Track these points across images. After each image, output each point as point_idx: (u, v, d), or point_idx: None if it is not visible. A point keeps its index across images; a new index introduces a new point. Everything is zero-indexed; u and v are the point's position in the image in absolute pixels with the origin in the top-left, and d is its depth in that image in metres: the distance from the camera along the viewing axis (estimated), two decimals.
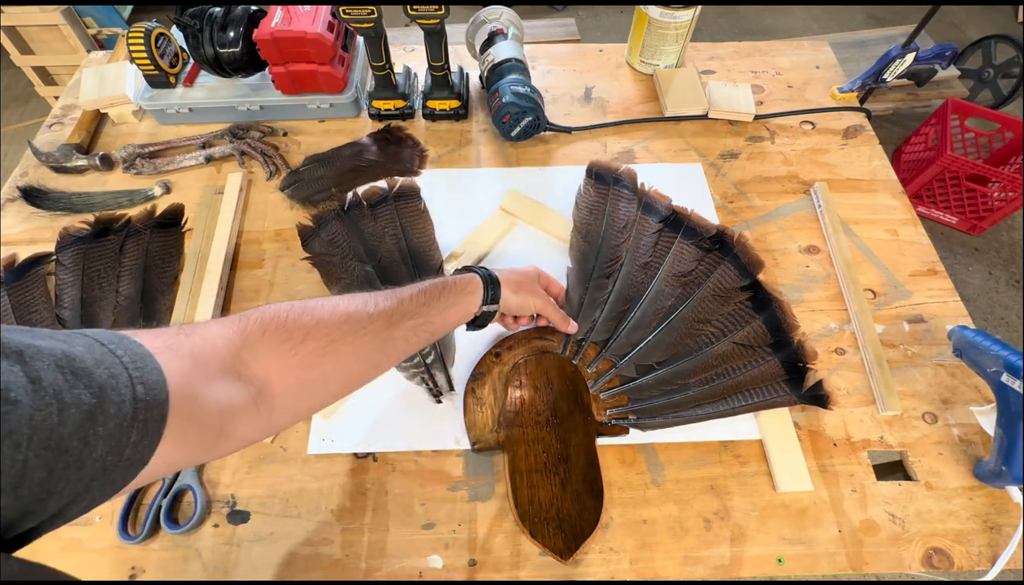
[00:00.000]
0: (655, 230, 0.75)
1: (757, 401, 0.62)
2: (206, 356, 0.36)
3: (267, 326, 0.40)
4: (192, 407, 0.33)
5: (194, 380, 0.34)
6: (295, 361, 0.41)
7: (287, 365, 0.40)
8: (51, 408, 0.24)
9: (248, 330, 0.39)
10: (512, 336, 0.67)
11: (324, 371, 0.42)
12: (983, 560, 0.55)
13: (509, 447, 0.59)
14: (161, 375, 0.31)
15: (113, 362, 0.29)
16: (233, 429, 0.37)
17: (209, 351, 0.36)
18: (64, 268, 0.73)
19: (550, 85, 0.97)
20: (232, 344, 0.38)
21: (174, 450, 0.31)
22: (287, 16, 0.81)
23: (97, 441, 0.26)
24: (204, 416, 0.34)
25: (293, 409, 0.43)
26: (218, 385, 0.36)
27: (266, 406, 0.39)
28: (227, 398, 0.36)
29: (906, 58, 0.89)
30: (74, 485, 0.26)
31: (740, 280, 0.70)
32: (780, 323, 0.67)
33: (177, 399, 0.31)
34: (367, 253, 0.73)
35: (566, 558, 0.54)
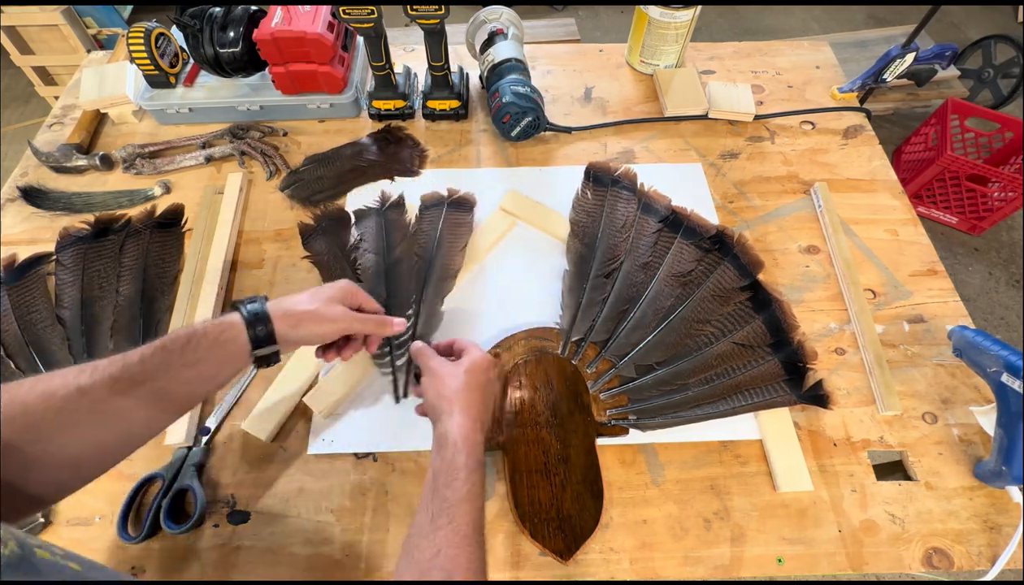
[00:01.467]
0: (655, 230, 0.75)
1: (757, 401, 0.62)
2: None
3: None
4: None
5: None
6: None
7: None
8: None
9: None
10: (512, 336, 0.67)
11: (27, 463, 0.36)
12: (983, 560, 0.55)
13: (509, 447, 0.59)
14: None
15: None
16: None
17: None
18: (64, 268, 0.73)
19: (550, 85, 0.97)
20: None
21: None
22: (287, 16, 0.81)
23: None
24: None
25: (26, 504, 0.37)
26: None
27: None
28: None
29: (906, 58, 0.89)
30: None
31: (740, 280, 0.70)
32: (780, 323, 0.67)
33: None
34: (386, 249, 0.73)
35: (566, 558, 0.54)
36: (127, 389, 0.40)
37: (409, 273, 0.71)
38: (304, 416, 0.63)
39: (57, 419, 0.37)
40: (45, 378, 0.38)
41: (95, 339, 0.68)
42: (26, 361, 0.66)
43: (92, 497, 0.58)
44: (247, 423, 0.62)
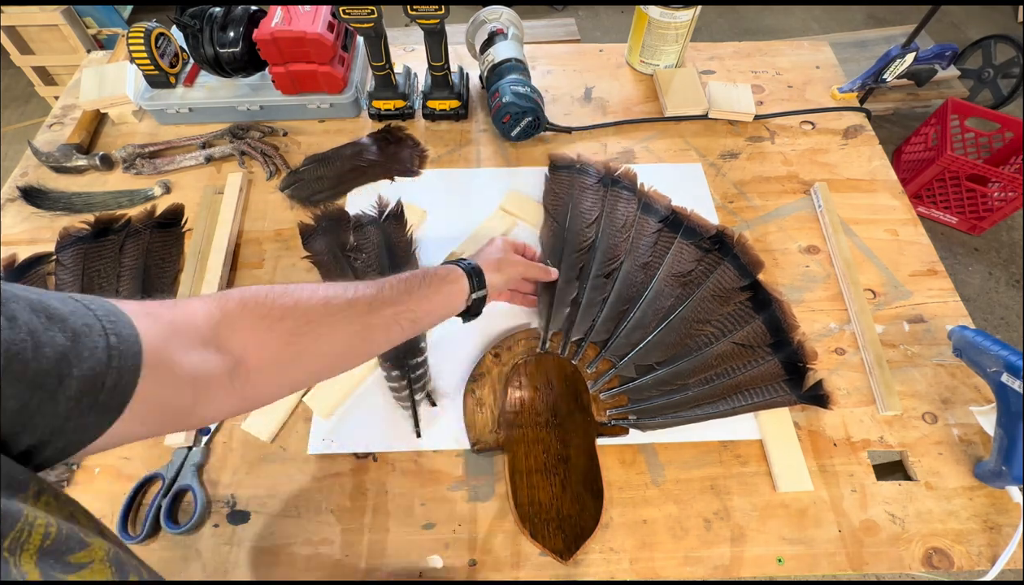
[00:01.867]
0: (655, 230, 0.75)
1: (757, 401, 0.62)
2: (184, 326, 0.37)
3: (247, 303, 0.41)
4: (166, 370, 0.33)
5: (170, 345, 0.34)
6: (271, 338, 0.41)
7: (264, 341, 0.41)
8: (25, 344, 0.25)
9: (228, 306, 0.40)
10: (512, 336, 0.68)
11: (300, 350, 0.43)
12: (983, 560, 0.55)
13: (509, 447, 0.59)
14: (134, 330, 0.32)
15: (86, 313, 0.29)
16: (207, 399, 0.37)
17: (188, 322, 0.37)
18: (64, 268, 0.73)
19: (550, 85, 0.97)
20: (211, 317, 0.39)
21: (148, 411, 0.32)
22: (287, 16, 0.81)
23: (71, 381, 0.27)
24: (178, 381, 0.34)
25: (268, 385, 0.43)
26: (194, 354, 0.36)
27: (241, 380, 0.40)
28: (202, 367, 0.36)
29: (906, 58, 0.89)
30: (49, 420, 0.27)
31: (740, 280, 0.70)
32: (780, 323, 0.67)
33: (152, 358, 0.32)
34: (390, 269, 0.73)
35: (566, 558, 0.54)
36: (379, 308, 0.48)
37: None
38: (304, 416, 0.63)
39: (329, 320, 0.44)
40: (322, 287, 0.46)
41: None
42: None
43: (93, 497, 0.58)
44: (247, 423, 0.62)
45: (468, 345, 0.68)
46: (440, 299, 0.53)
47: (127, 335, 0.31)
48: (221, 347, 0.39)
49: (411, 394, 0.63)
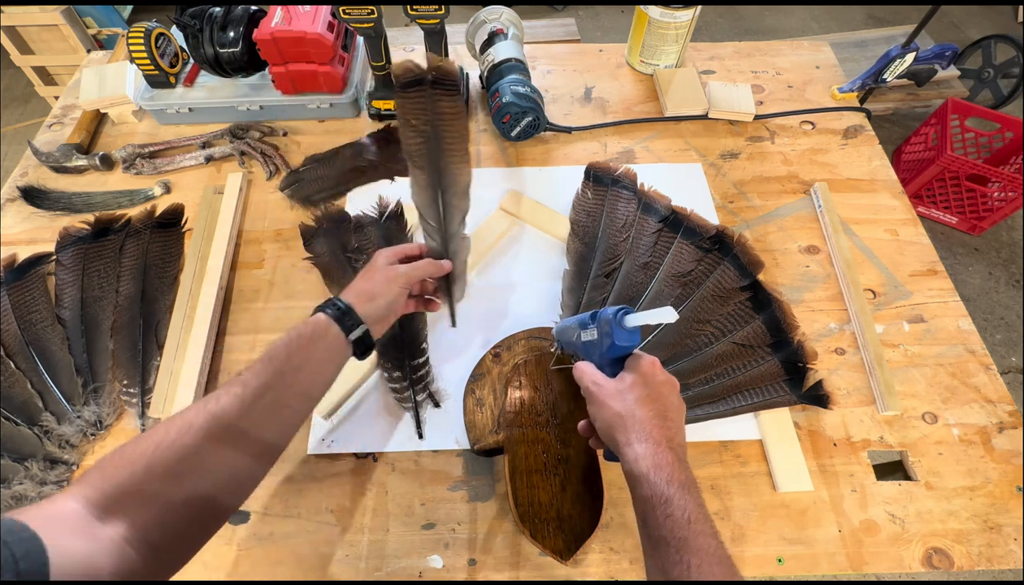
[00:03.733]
0: (655, 230, 0.75)
1: (757, 401, 0.62)
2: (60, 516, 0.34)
3: (105, 470, 0.37)
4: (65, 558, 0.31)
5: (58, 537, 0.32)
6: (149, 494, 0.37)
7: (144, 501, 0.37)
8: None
9: (91, 482, 0.37)
10: (512, 336, 0.67)
11: (187, 492, 0.39)
12: (983, 560, 0.55)
13: (509, 448, 0.59)
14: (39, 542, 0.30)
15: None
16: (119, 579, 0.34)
17: (59, 513, 0.35)
18: (64, 268, 0.73)
19: (550, 85, 0.97)
20: (81, 499, 0.36)
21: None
22: (287, 16, 0.81)
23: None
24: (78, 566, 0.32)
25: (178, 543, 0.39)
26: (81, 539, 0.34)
27: (144, 546, 0.36)
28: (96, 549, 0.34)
29: (906, 58, 0.89)
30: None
31: (740, 280, 0.70)
32: (780, 323, 0.67)
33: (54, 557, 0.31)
34: None
35: (566, 559, 0.54)
36: (253, 404, 0.42)
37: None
38: None
39: (202, 445, 0.39)
40: (182, 414, 0.41)
41: (95, 339, 0.68)
42: (26, 361, 0.66)
43: None
44: None
45: (468, 345, 0.68)
46: (317, 360, 0.48)
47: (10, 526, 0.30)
48: (107, 523, 0.35)
49: (413, 395, 0.63)
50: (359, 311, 0.52)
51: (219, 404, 0.42)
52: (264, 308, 0.72)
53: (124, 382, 0.65)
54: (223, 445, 0.41)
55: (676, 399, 0.47)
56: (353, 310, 0.52)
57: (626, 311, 0.47)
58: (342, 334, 0.50)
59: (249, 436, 0.42)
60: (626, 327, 0.47)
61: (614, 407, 0.45)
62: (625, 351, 0.48)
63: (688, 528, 0.38)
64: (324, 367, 0.49)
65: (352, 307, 0.52)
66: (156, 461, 0.38)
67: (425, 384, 0.64)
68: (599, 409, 0.46)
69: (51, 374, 0.65)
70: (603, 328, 0.48)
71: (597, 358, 0.49)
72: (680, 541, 0.38)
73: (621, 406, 0.45)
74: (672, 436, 0.43)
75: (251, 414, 0.42)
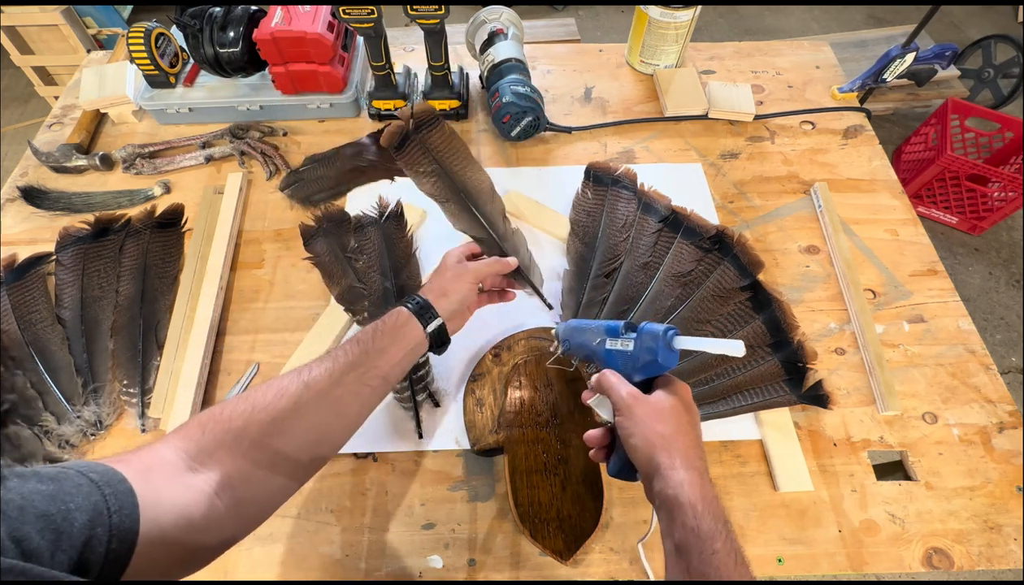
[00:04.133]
0: (655, 230, 0.75)
1: (757, 401, 0.62)
2: (158, 464, 0.37)
3: (205, 425, 0.40)
4: (155, 508, 0.34)
5: (152, 483, 0.35)
6: (242, 450, 0.40)
7: (236, 456, 0.40)
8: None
9: (190, 434, 0.40)
10: (512, 336, 0.67)
11: (275, 451, 0.42)
12: (983, 560, 0.55)
13: (509, 448, 0.59)
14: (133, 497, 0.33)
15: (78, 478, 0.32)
16: (206, 529, 0.37)
17: (160, 461, 0.38)
18: (64, 268, 0.73)
19: (550, 85, 0.97)
20: (178, 450, 0.39)
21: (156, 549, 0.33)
22: (287, 16, 0.81)
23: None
24: (172, 516, 0.35)
25: (260, 498, 0.42)
26: (177, 487, 0.37)
27: (230, 499, 0.39)
28: (189, 497, 0.37)
29: (906, 58, 0.89)
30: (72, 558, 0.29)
31: (740, 280, 0.70)
32: (780, 323, 0.67)
33: (145, 503, 0.33)
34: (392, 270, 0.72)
35: (566, 559, 0.54)
36: (340, 378, 0.46)
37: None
38: None
39: (293, 410, 0.43)
40: (276, 380, 0.44)
41: (95, 339, 0.68)
42: (26, 361, 0.66)
43: None
44: None
45: (468, 345, 0.68)
46: (398, 347, 0.51)
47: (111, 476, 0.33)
48: (199, 474, 0.39)
49: (413, 395, 0.63)
50: (434, 304, 0.55)
51: (311, 374, 0.45)
52: (264, 308, 0.72)
53: (124, 382, 0.65)
54: (311, 412, 0.44)
55: (697, 419, 0.47)
56: (431, 306, 0.55)
57: (676, 332, 0.46)
58: (420, 327, 0.53)
59: (334, 407, 0.46)
60: (674, 348, 0.46)
61: (657, 427, 0.44)
62: (661, 370, 0.47)
63: (735, 569, 0.38)
64: (402, 355, 0.52)
65: (430, 303, 0.55)
66: (252, 422, 0.41)
67: (425, 384, 0.64)
68: (637, 425, 0.45)
69: (51, 374, 0.65)
70: (646, 342, 0.46)
71: (623, 369, 0.48)
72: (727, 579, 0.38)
73: (665, 428, 0.44)
74: (706, 469, 0.44)
75: (338, 387, 0.46)
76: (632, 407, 0.45)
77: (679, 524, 0.40)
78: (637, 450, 0.44)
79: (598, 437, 0.50)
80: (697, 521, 0.39)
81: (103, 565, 0.30)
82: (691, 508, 0.40)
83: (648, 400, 0.46)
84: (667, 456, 0.42)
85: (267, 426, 0.42)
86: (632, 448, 0.45)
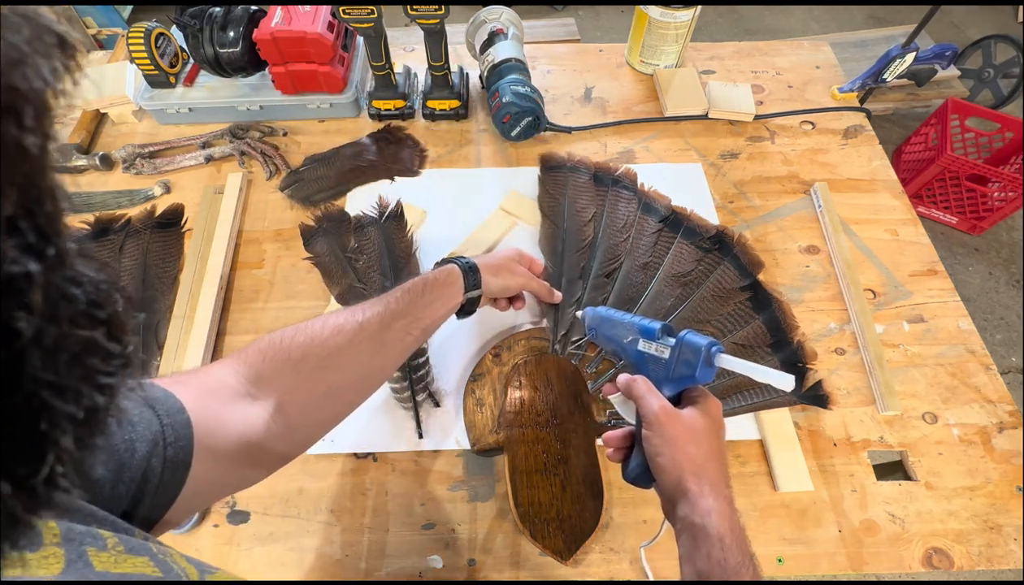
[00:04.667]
0: (655, 230, 0.75)
1: (757, 401, 0.62)
2: (216, 386, 0.39)
3: (265, 353, 0.42)
4: (212, 427, 0.36)
5: (208, 405, 0.37)
6: (299, 379, 0.43)
7: (294, 385, 0.42)
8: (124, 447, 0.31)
9: (250, 360, 0.42)
10: (511, 336, 0.68)
11: (330, 384, 0.44)
12: (983, 560, 0.55)
13: (509, 448, 0.59)
14: (189, 428, 0.34)
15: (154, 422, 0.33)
16: (260, 450, 0.39)
17: (218, 382, 0.40)
18: None
19: (550, 85, 0.97)
20: (238, 373, 0.41)
21: (209, 470, 0.35)
22: (287, 16, 0.81)
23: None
24: (227, 435, 0.37)
25: (310, 426, 0.45)
26: (234, 409, 0.38)
27: (284, 424, 0.41)
28: (246, 419, 0.39)
29: (906, 58, 0.89)
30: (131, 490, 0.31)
31: (740, 280, 0.70)
32: (780, 323, 0.67)
33: (196, 418, 0.34)
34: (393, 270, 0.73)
35: (566, 559, 0.54)
36: (390, 323, 0.48)
37: None
38: None
39: (348, 347, 0.45)
40: (332, 317, 0.46)
41: None
42: None
43: None
44: None
45: (468, 345, 0.68)
46: (441, 304, 0.54)
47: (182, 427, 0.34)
48: (257, 399, 0.40)
49: (413, 394, 0.63)
50: (483, 276, 0.58)
51: (365, 315, 0.47)
52: (264, 308, 0.72)
53: None
54: (363, 351, 0.46)
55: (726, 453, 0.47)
56: (479, 272, 0.57)
57: (720, 348, 0.44)
58: (463, 288, 0.56)
59: (381, 350, 0.48)
60: (715, 365, 0.44)
61: (689, 450, 0.42)
62: (695, 383, 0.45)
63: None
64: (445, 311, 0.54)
65: (479, 270, 0.57)
66: (310, 353, 0.43)
67: (425, 384, 0.64)
68: (667, 444, 0.43)
69: None
70: (684, 354, 0.45)
71: (653, 374, 0.47)
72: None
73: (697, 451, 0.42)
74: (733, 497, 0.42)
75: (387, 331, 0.48)
76: (665, 425, 0.43)
77: (704, 554, 0.39)
78: (664, 471, 0.43)
79: (618, 439, 0.48)
80: (725, 554, 0.38)
81: (156, 493, 0.32)
82: (719, 540, 0.39)
83: (681, 418, 0.44)
84: (696, 482, 0.41)
85: (324, 360, 0.44)
86: (659, 467, 0.43)
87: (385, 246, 0.74)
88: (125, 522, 0.27)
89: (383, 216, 0.77)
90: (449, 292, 0.55)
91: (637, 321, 0.50)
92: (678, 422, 0.43)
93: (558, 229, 0.76)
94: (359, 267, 0.73)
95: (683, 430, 0.43)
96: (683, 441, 0.42)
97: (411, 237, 0.76)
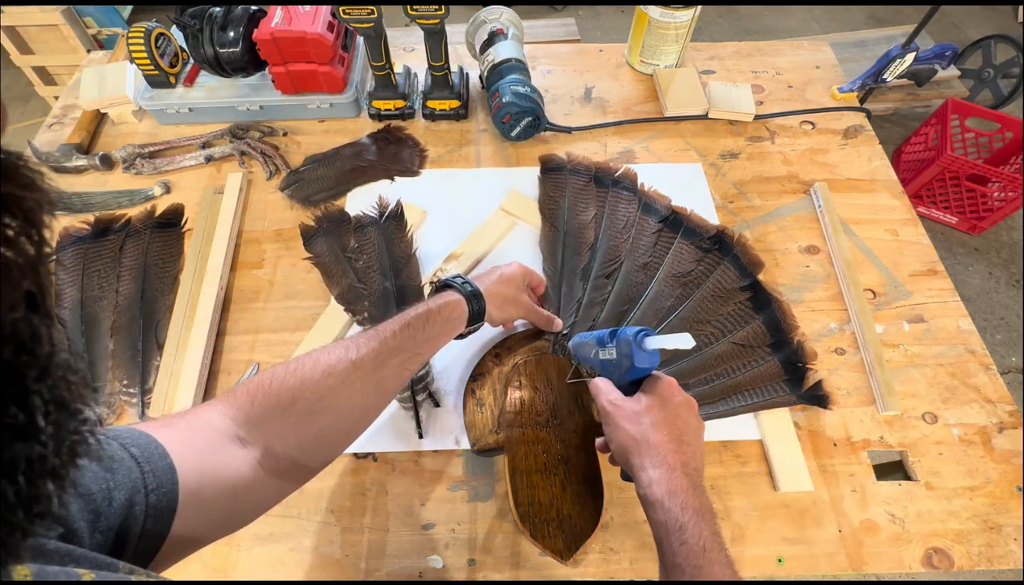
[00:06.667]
0: (655, 230, 0.75)
1: (757, 401, 0.62)
2: (203, 429, 0.38)
3: (254, 396, 0.41)
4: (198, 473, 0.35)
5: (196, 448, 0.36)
6: (289, 424, 0.42)
7: (282, 430, 0.41)
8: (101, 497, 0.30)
9: (238, 402, 0.41)
10: (512, 336, 0.67)
11: (321, 426, 0.43)
12: (983, 560, 0.55)
13: (509, 448, 0.59)
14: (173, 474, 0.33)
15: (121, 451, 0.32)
16: (247, 495, 0.38)
17: (205, 425, 0.39)
18: (64, 268, 0.73)
19: (550, 85, 0.97)
20: (226, 417, 0.40)
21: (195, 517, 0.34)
22: (287, 16, 0.81)
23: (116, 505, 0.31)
24: (214, 480, 0.36)
25: (301, 468, 0.43)
26: (221, 454, 0.38)
27: (273, 468, 0.40)
28: (233, 464, 0.38)
29: (906, 58, 0.89)
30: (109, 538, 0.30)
31: (740, 280, 0.70)
32: (780, 323, 0.67)
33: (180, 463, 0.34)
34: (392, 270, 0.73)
35: (566, 559, 0.54)
36: (386, 361, 0.47)
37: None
38: None
39: (340, 389, 0.44)
40: (323, 356, 0.45)
41: (95, 339, 0.68)
42: None
43: None
44: None
45: (468, 345, 0.68)
46: (443, 337, 0.53)
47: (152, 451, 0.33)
48: (246, 443, 0.40)
49: (413, 394, 0.63)
50: (488, 309, 0.56)
51: (359, 353, 0.45)
52: (264, 308, 0.72)
53: (124, 382, 0.65)
54: (356, 390, 0.45)
55: (695, 421, 0.47)
56: (483, 301, 0.55)
57: (646, 333, 0.46)
58: (466, 320, 0.54)
59: (377, 389, 0.47)
60: (646, 349, 0.46)
61: (629, 430, 0.45)
62: (644, 373, 0.47)
63: (703, 556, 0.39)
64: (443, 342, 0.53)
65: (484, 301, 0.56)
66: (300, 397, 0.42)
67: (425, 384, 0.64)
68: (614, 430, 0.46)
69: None
70: (622, 349, 0.47)
71: (616, 377, 0.49)
72: (695, 569, 0.38)
73: (636, 429, 0.45)
74: (687, 461, 0.44)
75: (383, 369, 0.46)
76: (611, 414, 0.47)
77: (653, 521, 0.42)
78: (617, 455, 0.47)
79: (603, 444, 0.51)
80: (664, 516, 0.41)
81: (138, 541, 0.31)
82: (658, 504, 0.41)
83: (624, 405, 0.47)
84: (638, 457, 0.44)
85: (314, 404, 0.42)
86: (615, 454, 0.47)
87: (385, 246, 0.74)
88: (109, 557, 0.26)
89: (383, 216, 0.77)
90: (451, 326, 0.53)
91: (596, 334, 0.53)
92: (621, 408, 0.47)
93: (558, 232, 0.76)
94: (359, 267, 0.73)
95: (625, 413, 0.46)
96: (625, 423, 0.46)
97: (411, 237, 0.76)
